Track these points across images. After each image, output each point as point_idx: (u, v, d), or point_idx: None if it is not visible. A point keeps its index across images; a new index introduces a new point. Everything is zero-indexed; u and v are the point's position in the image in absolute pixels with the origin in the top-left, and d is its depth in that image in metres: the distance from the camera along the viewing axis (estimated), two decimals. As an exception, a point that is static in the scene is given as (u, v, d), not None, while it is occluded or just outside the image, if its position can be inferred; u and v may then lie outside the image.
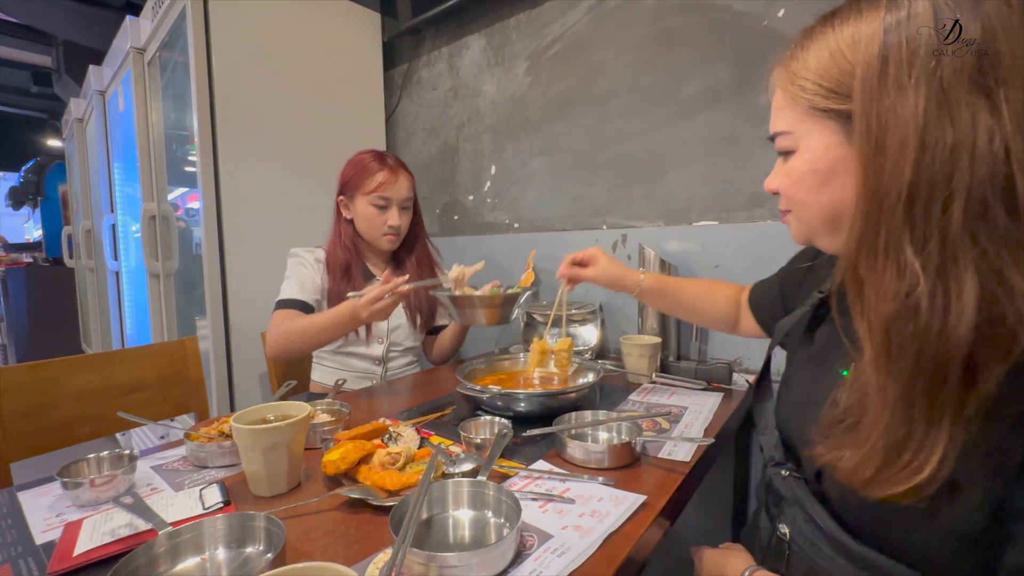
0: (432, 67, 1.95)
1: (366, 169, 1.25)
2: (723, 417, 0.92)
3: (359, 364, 1.31)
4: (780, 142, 0.50)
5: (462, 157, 1.87)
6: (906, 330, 0.38)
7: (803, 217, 0.52)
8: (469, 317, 1.15)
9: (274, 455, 0.63)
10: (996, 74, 0.36)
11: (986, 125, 0.36)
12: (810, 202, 0.50)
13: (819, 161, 0.47)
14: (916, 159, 0.37)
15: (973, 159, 0.36)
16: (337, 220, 1.32)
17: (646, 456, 0.74)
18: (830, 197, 0.48)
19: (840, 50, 0.42)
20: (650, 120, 1.39)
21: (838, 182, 0.46)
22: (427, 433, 0.85)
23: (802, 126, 0.47)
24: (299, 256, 1.29)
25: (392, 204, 1.26)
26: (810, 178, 0.48)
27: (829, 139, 0.46)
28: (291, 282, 1.24)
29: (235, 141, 1.58)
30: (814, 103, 0.45)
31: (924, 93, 0.37)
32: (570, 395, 0.91)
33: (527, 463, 0.73)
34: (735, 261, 1.24)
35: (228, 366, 1.61)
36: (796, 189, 0.50)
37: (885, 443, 0.41)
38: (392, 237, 1.28)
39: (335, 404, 0.88)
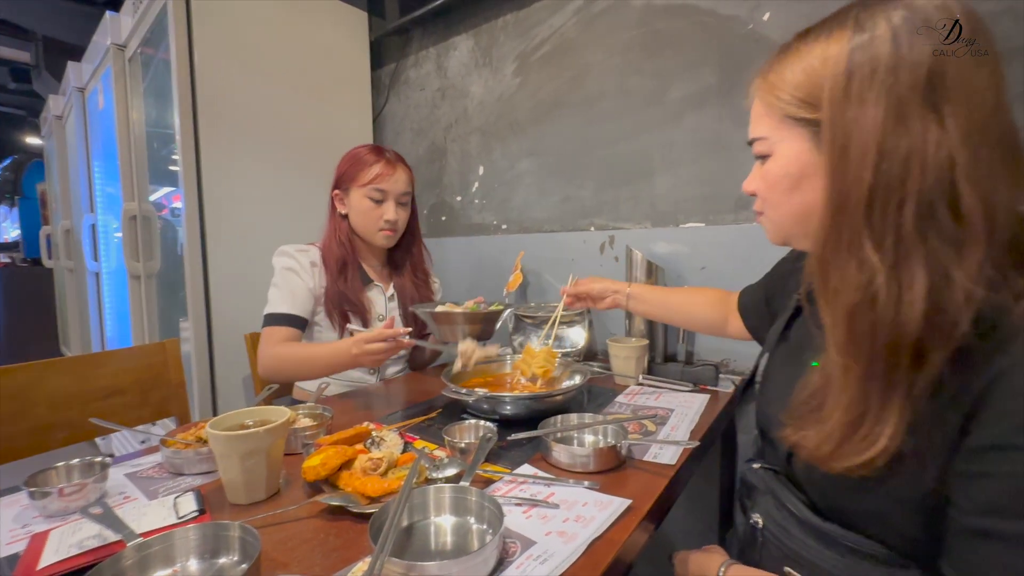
0: (420, 67, 1.94)
1: (362, 161, 1.20)
2: (709, 419, 0.92)
3: (352, 373, 1.26)
4: (757, 147, 0.54)
5: (450, 158, 1.86)
6: (865, 317, 0.43)
7: (777, 218, 0.56)
8: (450, 334, 1.15)
9: (252, 462, 0.61)
10: (944, 92, 0.41)
11: (935, 137, 0.40)
12: (783, 203, 0.53)
13: (791, 165, 0.51)
14: (875, 165, 0.42)
15: (923, 167, 0.40)
16: (332, 216, 1.26)
17: (631, 459, 0.74)
18: (801, 199, 0.51)
19: (812, 66, 0.47)
20: (637, 122, 1.39)
21: (808, 185, 0.50)
22: (411, 437, 0.84)
23: (777, 133, 0.51)
24: (290, 257, 1.20)
25: (389, 197, 1.21)
26: (784, 181, 0.52)
27: (801, 145, 0.50)
28: (281, 293, 1.16)
29: (218, 140, 1.55)
30: (788, 112, 0.49)
31: (883, 106, 0.42)
32: (557, 398, 0.91)
33: (512, 467, 0.72)
34: (722, 263, 1.25)
35: (211, 369, 1.58)
36: (771, 191, 0.54)
37: (846, 420, 0.45)
38: (388, 232, 1.23)
39: (317, 408, 0.87)
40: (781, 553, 0.56)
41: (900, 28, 0.42)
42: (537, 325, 1.41)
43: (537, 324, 1.41)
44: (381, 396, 1.12)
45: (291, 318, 1.13)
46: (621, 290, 1.04)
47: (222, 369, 1.58)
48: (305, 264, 1.19)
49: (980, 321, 0.40)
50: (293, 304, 1.14)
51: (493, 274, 1.72)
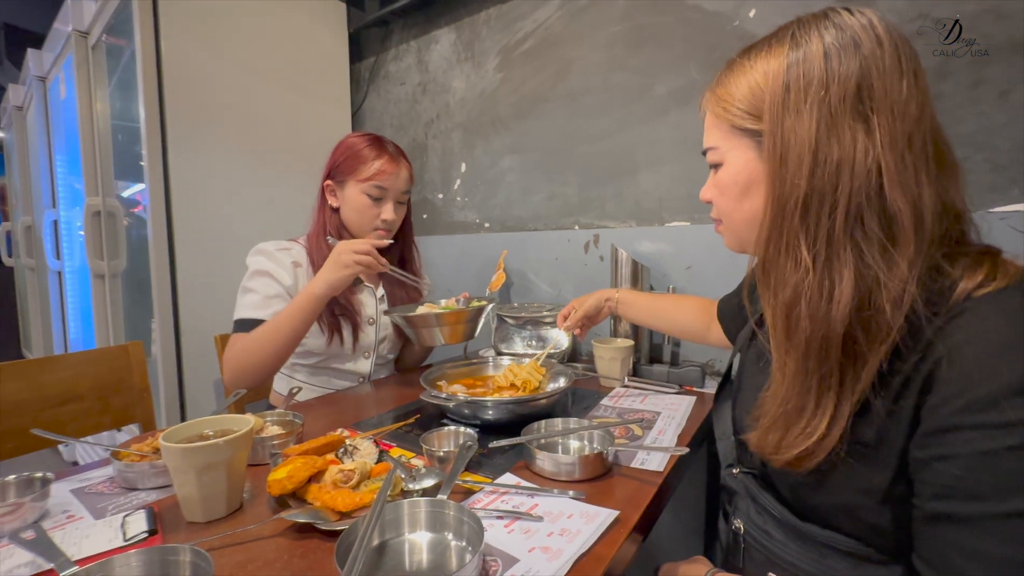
0: (400, 61, 1.89)
1: (362, 153, 1.10)
2: (697, 421, 0.89)
3: (339, 383, 1.19)
4: (710, 156, 0.57)
5: (431, 154, 1.81)
6: (798, 313, 0.46)
7: (731, 225, 0.58)
8: (428, 337, 1.10)
9: (210, 476, 0.56)
10: (872, 103, 0.44)
11: (863, 145, 0.44)
12: (735, 210, 0.56)
13: (740, 174, 0.53)
14: (810, 172, 0.45)
15: (853, 173, 0.44)
16: (321, 208, 1.16)
17: (618, 465, 0.71)
18: (750, 205, 0.54)
19: (755, 79, 0.50)
20: (622, 119, 1.36)
21: (756, 192, 0.53)
22: (387, 445, 0.80)
23: (727, 142, 0.54)
24: (267, 257, 1.09)
25: (388, 196, 1.12)
26: (734, 188, 0.55)
27: (747, 154, 0.52)
28: (253, 298, 1.05)
29: (187, 133, 1.48)
30: (735, 123, 0.52)
31: (816, 116, 0.45)
32: (541, 402, 0.87)
33: (493, 476, 0.68)
34: (707, 262, 1.23)
35: (178, 373, 1.51)
36: (723, 199, 0.57)
37: (784, 411, 0.49)
38: (383, 233, 1.14)
39: (287, 415, 0.82)
40: (763, 557, 0.56)
41: (831, 45, 0.45)
42: (520, 325, 1.38)
43: (520, 324, 1.38)
44: (357, 400, 1.07)
45: (260, 324, 1.03)
46: (612, 297, 1.05)
47: (191, 373, 1.51)
48: (286, 264, 1.10)
49: (921, 313, 0.43)
50: (267, 310, 1.04)
51: (475, 274, 1.69)
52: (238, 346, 1.00)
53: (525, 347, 1.35)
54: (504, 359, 1.11)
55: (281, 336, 0.98)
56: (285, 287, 1.08)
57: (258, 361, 0.99)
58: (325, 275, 0.99)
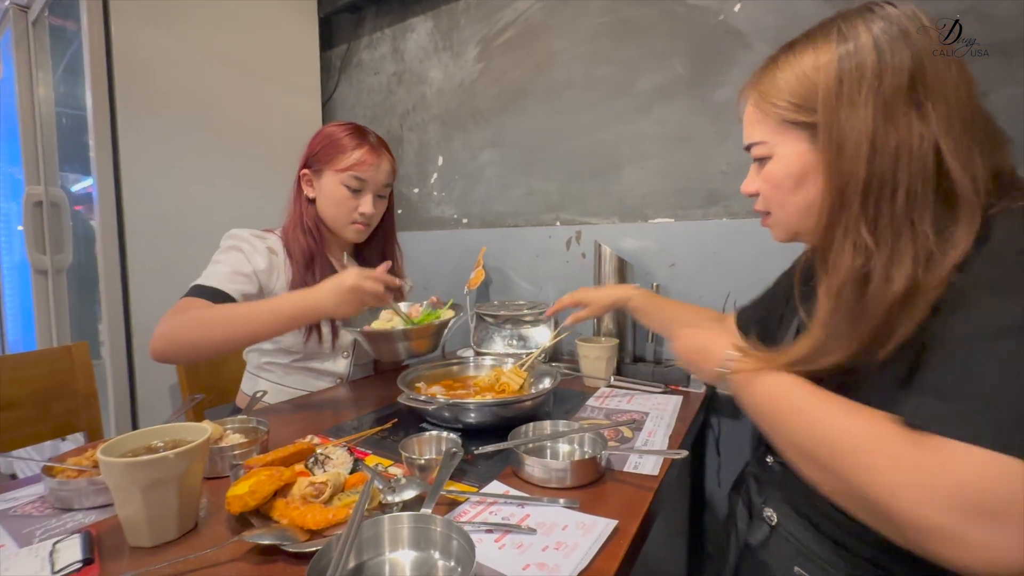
0: (374, 49, 1.81)
1: (342, 142, 1.04)
2: (686, 422, 0.87)
3: (315, 384, 1.11)
4: (757, 151, 0.57)
5: (407, 147, 1.75)
6: (855, 295, 0.47)
7: (783, 217, 0.58)
8: (389, 353, 1.03)
9: (158, 494, 0.49)
10: (925, 90, 0.46)
11: (919, 130, 0.45)
12: (788, 202, 0.56)
13: (792, 166, 0.54)
14: (868, 160, 0.47)
15: (910, 158, 0.45)
16: (297, 198, 1.09)
17: (610, 471, 0.67)
18: (804, 196, 0.55)
19: (805, 73, 0.51)
20: (605, 113, 1.34)
21: (810, 182, 0.53)
22: (362, 453, 0.74)
23: (776, 137, 0.55)
24: (243, 240, 1.02)
25: (368, 188, 1.05)
26: (787, 181, 0.55)
27: (799, 146, 0.53)
28: (220, 269, 0.96)
29: (140, 121, 1.37)
30: (785, 116, 0.53)
31: (872, 107, 0.47)
32: (526, 403, 0.83)
33: (480, 485, 0.63)
34: (691, 259, 1.22)
35: (130, 377, 1.39)
36: (775, 191, 0.57)
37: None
38: (361, 227, 1.07)
39: (250, 421, 0.75)
40: (794, 550, 0.55)
41: (881, 37, 0.47)
42: (499, 324, 1.33)
43: (499, 323, 1.33)
44: (329, 404, 1.00)
45: (222, 295, 0.92)
46: (628, 301, 0.99)
47: (144, 377, 1.40)
48: (260, 249, 1.01)
49: None
50: (232, 285, 0.94)
51: (453, 271, 1.63)
52: (192, 314, 0.86)
53: (505, 347, 1.30)
54: (486, 359, 1.06)
55: (253, 326, 0.87)
56: (256, 270, 0.99)
57: (211, 339, 0.85)
58: (335, 304, 0.87)
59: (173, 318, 0.87)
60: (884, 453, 0.39)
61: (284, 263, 1.05)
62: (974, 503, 0.34)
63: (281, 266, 1.05)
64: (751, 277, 1.14)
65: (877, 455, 0.39)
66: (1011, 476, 0.33)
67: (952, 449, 0.36)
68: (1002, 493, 0.33)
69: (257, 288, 0.99)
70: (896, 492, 0.37)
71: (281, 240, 1.08)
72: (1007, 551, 0.33)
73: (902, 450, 0.38)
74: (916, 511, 0.36)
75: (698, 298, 1.21)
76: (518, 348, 1.30)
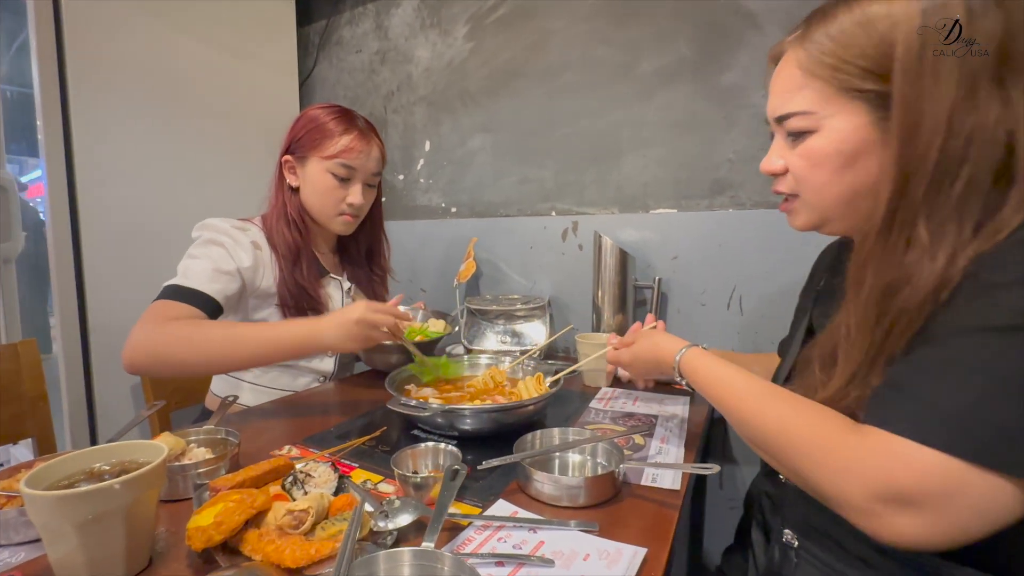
0: (355, 25, 1.70)
1: (328, 126, 0.95)
2: (698, 425, 0.81)
3: (297, 381, 1.02)
4: (795, 123, 0.49)
5: (391, 131, 1.64)
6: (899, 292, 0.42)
7: (817, 200, 0.51)
8: (381, 362, 0.99)
9: (99, 532, 0.40)
10: (1012, 67, 0.40)
11: (996, 113, 0.40)
12: (831, 184, 0.49)
13: (846, 142, 0.46)
14: (943, 143, 0.40)
15: (982, 144, 0.40)
16: (279, 187, 1.00)
17: (627, 485, 0.61)
18: (852, 178, 0.48)
19: (877, 29, 0.42)
20: (604, 98, 1.26)
21: (863, 164, 0.46)
22: (347, 467, 0.66)
23: (828, 106, 0.47)
24: (223, 232, 0.91)
25: (357, 177, 0.98)
26: (835, 159, 0.47)
27: (858, 120, 0.45)
28: (201, 265, 0.86)
29: (94, 98, 1.24)
30: (846, 83, 0.45)
31: (956, 80, 0.40)
32: (528, 408, 0.76)
33: (483, 504, 0.56)
34: (694, 252, 1.16)
35: (86, 378, 1.27)
36: (817, 171, 0.49)
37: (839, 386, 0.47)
38: (349, 218, 1.00)
39: (218, 432, 0.66)
40: (820, 573, 0.50)
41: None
42: (491, 320, 1.26)
43: (491, 319, 1.26)
44: (309, 407, 0.91)
45: (202, 298, 0.83)
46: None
47: (102, 378, 1.28)
48: (244, 243, 0.92)
49: None
50: (215, 284, 0.85)
51: (441, 263, 1.54)
52: (178, 329, 0.78)
53: (499, 343, 1.23)
54: (481, 358, 0.98)
55: (243, 355, 0.80)
56: (240, 267, 0.89)
57: (200, 361, 0.79)
58: (344, 341, 0.80)
59: (154, 328, 0.78)
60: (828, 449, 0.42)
61: (271, 259, 0.96)
62: (894, 491, 0.37)
63: (268, 261, 0.96)
64: (758, 271, 1.09)
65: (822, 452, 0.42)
66: (930, 470, 0.36)
67: (883, 439, 0.39)
68: (920, 485, 0.36)
69: (240, 286, 0.90)
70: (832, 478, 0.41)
71: (263, 232, 0.98)
72: (921, 532, 0.37)
73: (843, 441, 0.41)
74: (843, 493, 0.40)
75: (702, 292, 1.15)
76: (512, 345, 1.23)
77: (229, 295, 0.87)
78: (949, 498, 0.36)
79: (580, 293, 1.29)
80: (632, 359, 0.73)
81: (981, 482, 0.35)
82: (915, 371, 0.40)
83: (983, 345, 0.37)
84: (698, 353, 0.62)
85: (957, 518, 0.36)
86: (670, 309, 1.19)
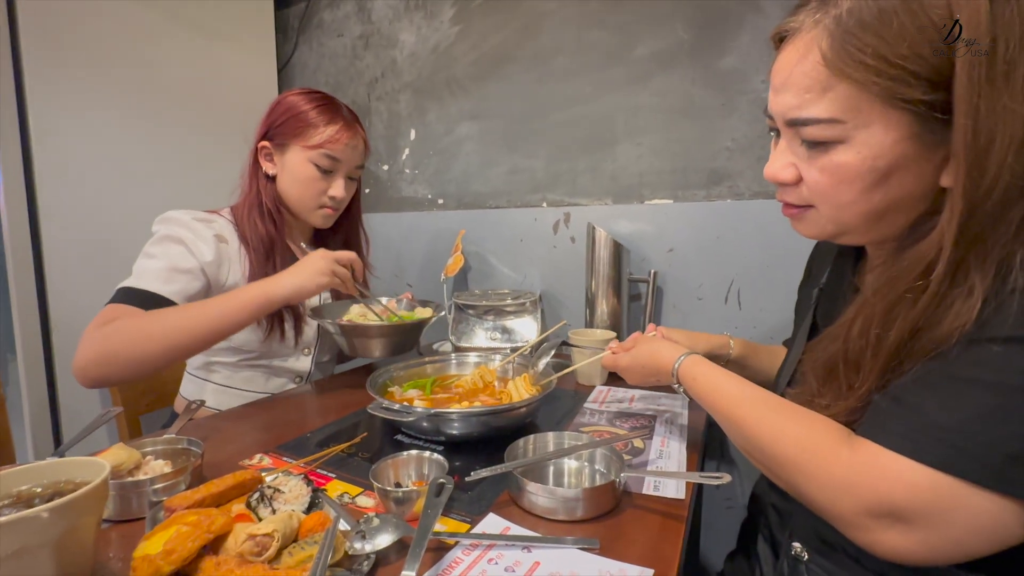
0: (336, 8, 1.62)
1: (310, 114, 0.90)
2: (699, 426, 0.77)
3: (271, 383, 0.96)
4: (816, 131, 0.41)
5: (374, 119, 1.58)
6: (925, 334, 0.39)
7: (839, 216, 0.45)
8: (362, 349, 0.94)
9: (22, 569, 0.35)
10: None
11: None
12: (858, 202, 0.42)
13: (882, 158, 0.39)
14: (1013, 162, 0.34)
15: None
16: (253, 175, 0.94)
17: (627, 494, 0.56)
18: (883, 195, 0.41)
19: (933, 25, 0.35)
20: (597, 83, 1.21)
21: (896, 180, 0.40)
22: (324, 477, 0.60)
23: (861, 115, 0.39)
24: (183, 226, 0.84)
25: (340, 169, 0.93)
26: (866, 177, 0.40)
27: (898, 132, 0.38)
28: (155, 265, 0.79)
29: (53, 84, 1.15)
30: (891, 90, 0.36)
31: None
32: (520, 411, 0.71)
33: (471, 519, 0.51)
34: (691, 244, 1.12)
35: (49, 384, 1.19)
36: (842, 189, 0.42)
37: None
38: (329, 211, 0.95)
39: (179, 442, 0.60)
40: None
41: None
42: (480, 316, 1.21)
43: (480, 315, 1.20)
44: (285, 411, 0.85)
45: (157, 301, 0.77)
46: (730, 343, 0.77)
47: (67, 383, 1.20)
48: (206, 236, 0.85)
49: None
50: (171, 285, 0.79)
51: (426, 257, 1.48)
52: (124, 323, 0.72)
53: (489, 340, 1.18)
54: (469, 356, 0.93)
55: (201, 330, 0.73)
56: (202, 263, 0.83)
57: (150, 352, 0.71)
58: (293, 279, 0.79)
59: (102, 332, 0.71)
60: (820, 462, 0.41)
61: (239, 252, 0.89)
62: (885, 506, 0.37)
63: (235, 256, 0.89)
64: (757, 264, 1.05)
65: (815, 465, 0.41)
66: (920, 485, 0.35)
67: (875, 453, 0.38)
68: (909, 501, 0.35)
69: (203, 284, 0.83)
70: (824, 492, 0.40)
71: (232, 223, 0.92)
72: (914, 548, 0.36)
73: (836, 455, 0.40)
74: (835, 506, 0.40)
75: (699, 286, 1.11)
76: (502, 341, 1.18)
77: (191, 295, 0.80)
78: (941, 515, 0.35)
79: (572, 287, 1.25)
80: (630, 364, 0.69)
81: (979, 501, 0.34)
82: (915, 384, 0.38)
83: (986, 357, 0.35)
84: (697, 361, 0.59)
85: (951, 535, 0.35)
86: (666, 304, 1.15)
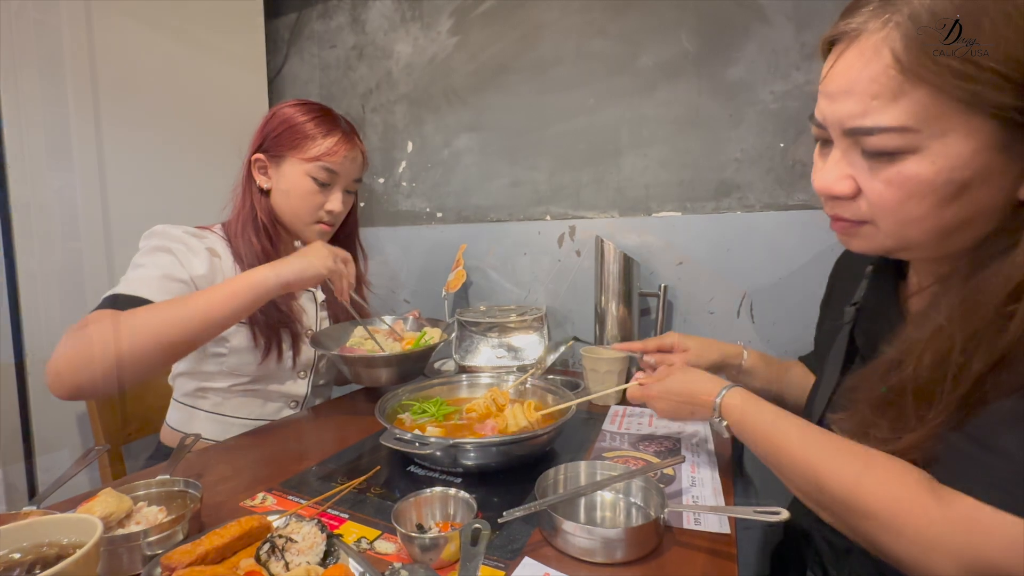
0: (329, 19, 1.58)
1: (307, 127, 0.86)
2: (726, 447, 0.73)
3: (265, 409, 0.91)
4: (883, 141, 0.37)
5: (369, 132, 1.54)
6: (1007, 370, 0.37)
7: (902, 233, 0.41)
8: (368, 378, 0.90)
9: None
10: None
11: None
12: (928, 218, 0.39)
13: (960, 170, 0.36)
14: None
15: None
16: (246, 189, 0.90)
17: (668, 530, 0.52)
18: (956, 211, 0.38)
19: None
20: (600, 94, 1.19)
21: (973, 193, 0.37)
22: (336, 519, 0.55)
23: (937, 123, 0.35)
24: (174, 239, 0.80)
25: (338, 183, 0.89)
26: (941, 190, 0.37)
27: (979, 141, 0.35)
28: (145, 273, 0.75)
29: (31, 89, 1.09)
30: (977, 95, 0.33)
31: None
32: (541, 438, 0.66)
33: (506, 564, 0.47)
34: (701, 257, 1.09)
35: (22, 406, 1.11)
36: (912, 203, 0.38)
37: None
38: (326, 227, 0.91)
39: (175, 483, 0.54)
40: None
41: None
42: (483, 333, 1.16)
43: (483, 332, 1.16)
44: (285, 442, 0.79)
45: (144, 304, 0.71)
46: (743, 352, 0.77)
47: (41, 406, 1.12)
48: (198, 249, 0.80)
49: None
50: (159, 293, 0.73)
51: (424, 272, 1.44)
52: (106, 322, 0.65)
53: (494, 358, 1.13)
54: (481, 376, 0.89)
55: (194, 322, 0.67)
56: (193, 276, 0.78)
57: (135, 350, 0.64)
58: (296, 263, 0.76)
59: (78, 332, 0.65)
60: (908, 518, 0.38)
61: (233, 269, 0.85)
62: (984, 565, 0.34)
63: (229, 272, 0.84)
64: (769, 277, 1.03)
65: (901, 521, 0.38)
66: (1021, 542, 0.32)
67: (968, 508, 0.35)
68: (1011, 559, 0.33)
69: None
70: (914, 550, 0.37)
71: (224, 239, 0.87)
72: None
73: (924, 510, 0.37)
74: (929, 568, 0.36)
75: (710, 299, 1.09)
76: (508, 360, 1.13)
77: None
78: None
79: (579, 302, 1.21)
80: (662, 395, 0.65)
81: None
82: (1004, 425, 0.35)
83: None
84: (743, 395, 0.56)
85: None
86: (676, 318, 1.13)
